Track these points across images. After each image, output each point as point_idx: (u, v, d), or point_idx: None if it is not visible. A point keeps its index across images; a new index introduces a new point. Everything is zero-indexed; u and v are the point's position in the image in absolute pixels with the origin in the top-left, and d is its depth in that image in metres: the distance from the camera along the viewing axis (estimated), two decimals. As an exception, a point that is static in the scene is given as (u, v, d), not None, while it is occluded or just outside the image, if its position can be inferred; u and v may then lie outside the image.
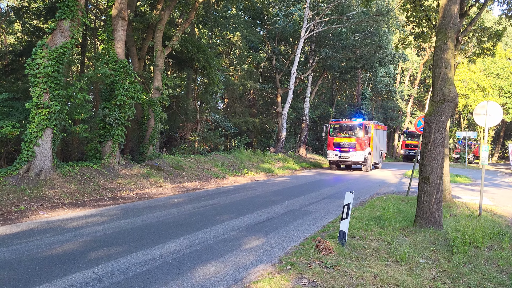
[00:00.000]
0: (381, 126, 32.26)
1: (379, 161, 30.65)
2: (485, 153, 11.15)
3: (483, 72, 45.68)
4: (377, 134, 29.84)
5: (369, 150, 26.81)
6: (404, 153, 43.66)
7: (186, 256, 6.77)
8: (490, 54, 15.89)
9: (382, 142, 32.54)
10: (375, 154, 28.83)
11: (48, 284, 5.40)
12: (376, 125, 29.71)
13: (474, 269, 6.21)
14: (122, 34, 16.55)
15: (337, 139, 26.62)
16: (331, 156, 26.92)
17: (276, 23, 34.06)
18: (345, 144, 26.24)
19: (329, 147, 27.15)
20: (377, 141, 29.82)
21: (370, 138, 27.18)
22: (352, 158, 26.06)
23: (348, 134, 26.41)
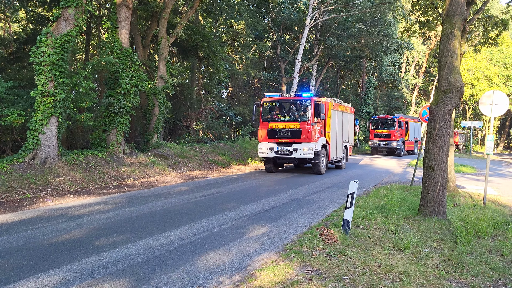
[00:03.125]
0: (345, 107, 21.73)
1: (342, 158, 21.20)
2: (491, 143, 11.10)
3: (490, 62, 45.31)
4: (339, 119, 20.26)
5: (323, 141, 18.11)
6: (373, 144, 35.49)
7: (191, 244, 6.82)
8: (494, 43, 15.75)
9: (348, 130, 22.14)
10: (334, 148, 19.54)
11: (54, 270, 5.46)
12: (337, 105, 20.10)
13: (477, 259, 6.21)
14: (126, 22, 16.50)
15: (273, 124, 17.66)
16: (264, 151, 17.76)
17: (281, 11, 33.81)
18: (285, 132, 17.41)
19: (261, 137, 18.03)
20: (339, 129, 20.21)
21: (325, 123, 18.51)
22: (296, 154, 17.19)
23: (290, 118, 17.60)
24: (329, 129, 18.73)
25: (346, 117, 21.74)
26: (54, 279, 5.16)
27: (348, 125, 22.10)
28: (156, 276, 5.34)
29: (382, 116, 35.45)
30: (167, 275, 5.36)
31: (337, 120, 19.91)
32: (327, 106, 18.33)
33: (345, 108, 21.49)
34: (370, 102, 44.33)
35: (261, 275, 5.33)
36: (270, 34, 35.00)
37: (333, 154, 19.43)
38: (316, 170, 17.91)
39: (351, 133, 22.94)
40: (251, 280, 5.19)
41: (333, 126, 19.25)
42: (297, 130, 17.14)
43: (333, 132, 19.28)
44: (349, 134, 22.40)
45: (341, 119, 20.65)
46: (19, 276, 5.25)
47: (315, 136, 17.35)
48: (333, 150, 19.37)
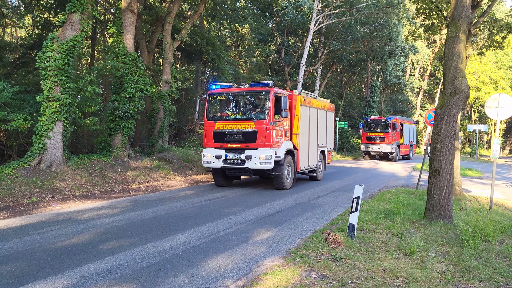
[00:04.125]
0: (322, 103, 17.66)
1: (318, 166, 17.02)
2: (497, 146, 11.04)
3: (495, 65, 45.12)
4: (312, 117, 16.18)
5: (288, 146, 14.04)
6: (365, 148, 32.62)
7: (196, 248, 6.82)
8: (499, 46, 15.70)
9: (326, 132, 18.00)
10: (305, 154, 15.44)
11: (60, 275, 5.47)
12: (309, 100, 15.90)
13: (484, 263, 6.17)
14: (131, 27, 16.59)
15: (221, 124, 13.59)
16: (209, 160, 13.72)
17: (285, 15, 33.89)
18: (236, 134, 13.40)
19: (206, 140, 13.96)
20: (312, 130, 16.18)
21: (292, 122, 14.56)
22: (250, 163, 13.10)
23: (242, 115, 13.69)
24: (297, 131, 14.46)
25: (323, 115, 17.47)
26: (60, 284, 5.17)
27: (326, 125, 17.83)
28: (161, 280, 5.34)
29: (375, 118, 32.96)
30: (172, 280, 5.36)
31: (310, 119, 15.69)
32: (296, 101, 14.48)
33: (321, 105, 17.28)
34: (374, 105, 44.24)
35: (267, 279, 5.32)
36: (274, 38, 35.06)
37: (303, 163, 15.21)
38: (278, 185, 13.66)
39: (331, 135, 18.70)
40: (257, 284, 5.17)
41: (303, 127, 15.03)
42: (251, 131, 13.07)
43: (303, 135, 15.07)
44: (328, 137, 18.19)
45: (316, 118, 16.41)
46: (26, 280, 5.26)
47: (277, 140, 13.29)
48: (303, 158, 15.14)
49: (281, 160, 13.35)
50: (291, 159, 14.20)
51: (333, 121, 19.17)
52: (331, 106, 18.84)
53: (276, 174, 13.48)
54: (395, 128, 31.67)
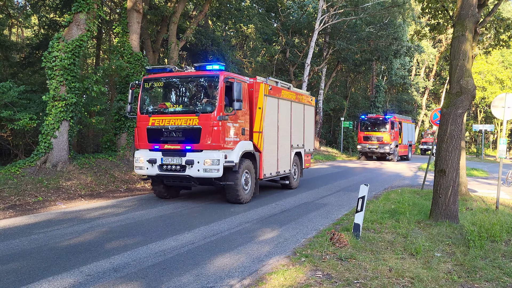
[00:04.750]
0: (297, 95, 14.52)
1: (293, 172, 14.14)
2: (503, 146, 10.99)
3: (501, 64, 44.89)
4: (284, 112, 13.24)
5: (246, 147, 11.11)
6: (362, 149, 30.62)
7: (201, 247, 6.83)
8: (505, 45, 15.62)
9: (303, 129, 14.90)
10: (272, 158, 12.52)
11: (66, 273, 5.50)
12: (277, 90, 12.85)
13: (491, 263, 6.14)
14: (137, 26, 16.63)
15: (157, 119, 10.74)
16: (142, 165, 10.85)
17: (290, 15, 33.87)
18: (175, 132, 10.54)
19: (139, 140, 11.09)
20: (283, 127, 13.21)
21: (253, 117, 11.56)
22: (192, 170, 10.24)
23: (183, 108, 10.89)
24: (260, 128, 11.52)
25: (299, 110, 14.50)
26: (66, 282, 5.20)
27: (303, 122, 14.81)
28: (167, 279, 5.35)
29: (372, 116, 31.34)
30: (177, 279, 5.37)
31: (281, 114, 12.81)
32: (259, 90, 11.49)
33: (297, 97, 14.26)
34: (380, 105, 44.12)
35: (272, 279, 5.32)
36: (279, 37, 35.04)
37: (270, 168, 12.26)
38: (231, 197, 10.74)
39: (310, 134, 15.66)
40: (262, 284, 5.18)
41: (270, 123, 12.18)
42: (194, 128, 10.15)
43: (270, 133, 12.17)
44: (306, 136, 15.14)
45: (288, 113, 13.46)
46: (32, 278, 5.29)
47: (228, 139, 10.34)
48: (269, 162, 12.19)
49: (235, 166, 10.35)
50: (251, 164, 11.18)
51: (313, 117, 16.09)
52: (310, 99, 15.88)
53: (229, 185, 10.46)
54: (394, 127, 30.03)
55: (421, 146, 42.45)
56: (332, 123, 46.15)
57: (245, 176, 10.95)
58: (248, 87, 11.43)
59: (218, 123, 10.06)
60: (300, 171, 15.00)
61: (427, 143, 42.17)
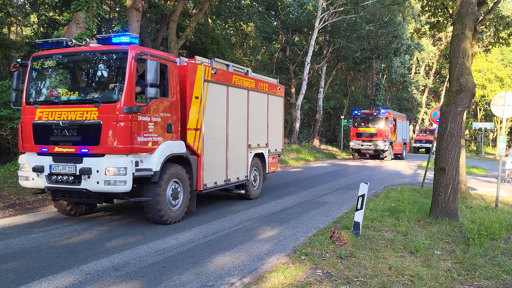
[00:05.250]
0: (258, 82, 11.87)
1: (252, 179, 11.59)
2: (503, 144, 10.99)
3: (501, 62, 44.86)
4: (237, 103, 10.75)
5: (172, 148, 8.33)
6: (354, 146, 28.69)
7: (201, 245, 6.83)
8: (505, 43, 15.62)
9: (266, 125, 12.36)
10: (217, 161, 9.91)
11: (66, 272, 5.50)
12: (223, 75, 10.16)
13: (490, 261, 6.15)
14: (136, 25, 16.59)
15: (45, 112, 7.93)
16: (28, 175, 8.06)
17: (290, 13, 33.81)
18: (67, 130, 7.70)
19: (23, 140, 8.25)
20: (238, 123, 10.76)
21: (187, 109, 8.82)
22: (89, 182, 7.44)
23: (78, 96, 7.93)
24: (196, 123, 8.95)
25: (261, 101, 11.97)
26: (66, 281, 5.20)
27: (267, 116, 12.24)
28: (166, 278, 5.36)
29: (366, 111, 29.74)
30: (177, 277, 5.38)
31: (231, 106, 10.23)
32: (195, 74, 8.90)
33: (256, 85, 11.61)
34: (380, 103, 44.09)
35: (272, 277, 5.32)
36: (279, 36, 34.99)
37: (214, 176, 9.69)
38: (151, 216, 8.11)
39: (277, 131, 13.10)
40: (262, 282, 5.18)
41: (214, 117, 9.59)
42: (91, 124, 7.56)
43: (213, 130, 9.60)
44: (271, 134, 12.55)
45: (243, 105, 10.91)
46: (31, 277, 5.30)
47: (144, 139, 7.68)
48: (213, 167, 9.62)
49: (154, 175, 7.71)
50: (182, 171, 8.50)
51: (281, 111, 13.43)
52: (278, 88, 13.04)
53: (148, 201, 7.84)
54: (388, 123, 28.38)
55: (414, 144, 41.38)
56: (332, 122, 46.12)
57: (172, 188, 8.20)
58: (180, 70, 8.68)
59: (126, 117, 7.31)
60: (263, 177, 12.17)
61: (421, 141, 41.25)
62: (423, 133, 42.53)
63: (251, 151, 11.33)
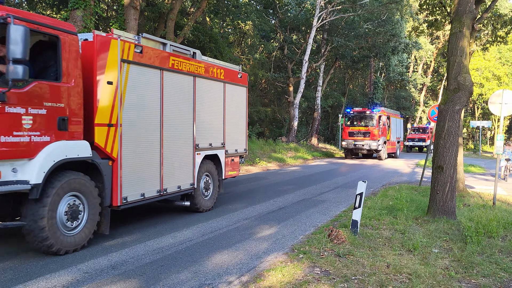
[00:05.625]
0: (206, 66, 9.41)
1: (201, 188, 9.42)
2: (500, 143, 11.01)
3: (499, 61, 44.95)
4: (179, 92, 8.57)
5: (74, 149, 6.20)
6: (347, 145, 27.78)
7: (199, 244, 6.83)
8: (503, 41, 15.66)
9: (222, 121, 10.22)
10: (143, 167, 7.60)
11: (63, 271, 5.49)
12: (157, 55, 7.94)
13: (488, 259, 6.16)
14: (134, 23, 16.57)
15: None
16: None
17: (288, 11, 33.79)
18: None
19: None
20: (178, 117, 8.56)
21: (93, 97, 6.65)
22: None
23: None
24: (110, 117, 6.92)
25: (214, 90, 9.84)
26: (64, 279, 5.20)
27: (222, 109, 10.16)
28: (164, 276, 5.35)
29: (358, 109, 28.75)
30: (175, 276, 5.38)
31: (167, 96, 8.18)
32: (105, 51, 6.84)
33: (207, 70, 9.44)
34: (378, 102, 44.16)
35: (270, 275, 5.33)
36: (277, 34, 34.99)
37: (141, 186, 7.58)
38: (35, 246, 5.95)
39: (239, 127, 11.10)
40: (260, 280, 5.18)
41: (139, 110, 7.57)
42: None
43: (140, 125, 7.60)
44: (230, 131, 10.50)
45: (187, 95, 8.85)
46: (29, 276, 5.29)
47: (12, 139, 5.45)
48: (139, 175, 7.54)
49: (33, 190, 5.63)
50: (85, 182, 6.44)
51: (244, 103, 11.37)
52: (237, 75, 10.85)
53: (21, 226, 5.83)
54: (382, 121, 27.63)
55: (407, 143, 40.05)
56: (330, 120, 46.15)
57: (68, 205, 6.16)
58: (86, 46, 6.72)
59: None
60: (218, 184, 10.10)
61: (413, 140, 40.08)
62: (416, 131, 41.45)
63: (199, 153, 9.21)
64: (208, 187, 9.70)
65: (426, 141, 38.01)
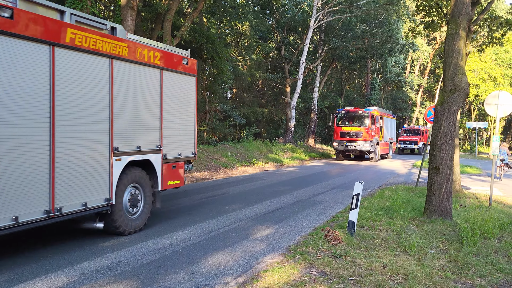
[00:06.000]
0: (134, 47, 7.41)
1: (125, 205, 7.31)
2: (496, 144, 11.05)
3: (495, 62, 45.12)
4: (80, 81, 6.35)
5: None
6: (338, 146, 26.94)
7: (196, 245, 6.82)
8: (499, 43, 15.73)
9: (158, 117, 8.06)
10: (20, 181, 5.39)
11: (60, 272, 5.48)
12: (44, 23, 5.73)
13: (484, 260, 6.18)
14: (131, 24, 16.54)
15: None
16: None
17: (285, 12, 33.83)
18: None
19: None
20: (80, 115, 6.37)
21: None
22: None
23: None
24: None
25: (148, 79, 7.88)
26: (60, 280, 5.18)
27: (158, 103, 8.12)
28: (161, 277, 5.35)
29: (350, 109, 27.85)
30: (172, 277, 5.37)
31: (63, 82, 6.09)
32: None
33: (133, 51, 7.43)
34: (374, 103, 44.24)
35: (267, 276, 5.33)
36: (274, 35, 34.99)
37: (18, 205, 5.40)
38: None
39: (187, 127, 9.19)
40: (257, 281, 5.18)
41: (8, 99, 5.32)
42: None
43: (9, 121, 5.34)
44: (173, 131, 8.62)
45: (103, 82, 6.85)
46: (25, 277, 5.27)
47: None
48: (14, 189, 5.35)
49: None
50: None
51: (192, 97, 9.17)
52: (181, 61, 8.73)
53: None
54: (374, 121, 26.79)
55: (398, 145, 38.42)
56: (327, 121, 46.18)
57: None
58: None
59: None
60: (153, 197, 8.10)
61: (405, 142, 38.65)
62: (407, 133, 40.22)
63: (119, 158, 7.12)
64: (135, 203, 7.56)
65: (418, 143, 37.56)
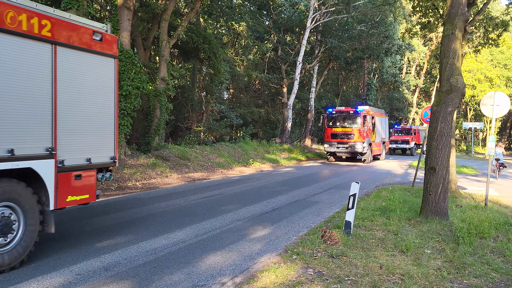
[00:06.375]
0: None
1: None
2: (492, 144, 11.09)
3: (490, 63, 45.30)
4: None
5: None
6: (329, 147, 25.84)
7: (193, 245, 6.82)
8: (494, 44, 15.80)
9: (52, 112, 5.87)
10: None
11: (55, 272, 5.46)
12: None
13: (480, 260, 6.20)
14: (127, 24, 16.51)
15: None
16: None
17: (282, 13, 33.84)
18: None
19: None
20: None
21: None
22: None
23: None
24: None
25: (32, 54, 5.57)
26: (56, 281, 5.16)
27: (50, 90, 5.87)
28: (158, 278, 5.34)
29: (341, 109, 26.64)
30: (169, 277, 5.36)
31: None
32: None
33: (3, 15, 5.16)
34: (371, 103, 44.32)
35: (263, 276, 5.33)
36: (271, 35, 35.02)
37: None
38: None
39: (102, 124, 7.03)
40: (253, 281, 5.18)
41: None
42: None
43: None
44: (79, 129, 6.47)
45: None
46: (20, 278, 5.25)
47: None
48: None
49: None
50: None
51: (112, 84, 7.19)
52: (91, 35, 6.67)
53: None
54: (367, 122, 25.77)
55: (390, 145, 37.32)
56: (324, 121, 46.26)
57: None
58: None
59: None
60: (42, 218, 6.04)
61: (396, 142, 37.85)
62: (399, 133, 39.33)
63: None
64: (8, 229, 5.49)
65: (410, 143, 37.30)
